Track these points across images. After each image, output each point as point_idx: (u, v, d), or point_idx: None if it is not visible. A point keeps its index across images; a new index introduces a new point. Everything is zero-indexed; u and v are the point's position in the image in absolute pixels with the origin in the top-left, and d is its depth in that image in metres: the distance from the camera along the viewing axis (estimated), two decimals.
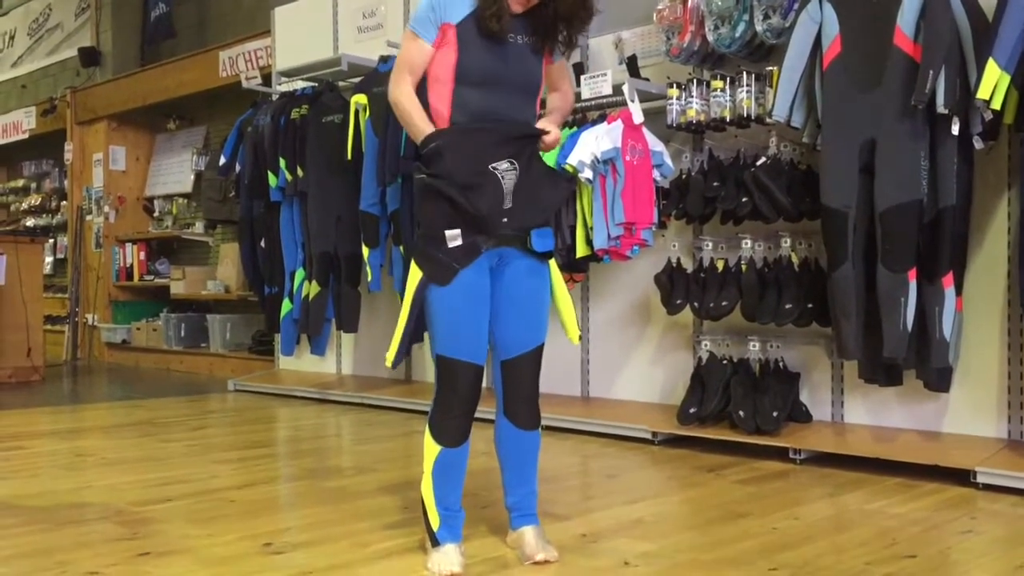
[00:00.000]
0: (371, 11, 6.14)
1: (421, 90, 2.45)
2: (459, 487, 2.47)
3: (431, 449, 2.42)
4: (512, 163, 2.37)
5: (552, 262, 2.54)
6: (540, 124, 2.48)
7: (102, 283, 9.36)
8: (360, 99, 5.27)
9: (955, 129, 3.35)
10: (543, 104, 2.61)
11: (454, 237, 2.36)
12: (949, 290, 3.43)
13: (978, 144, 3.40)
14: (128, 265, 9.30)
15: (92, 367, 8.79)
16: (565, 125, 4.58)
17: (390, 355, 2.48)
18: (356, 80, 5.62)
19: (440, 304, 2.38)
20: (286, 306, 5.93)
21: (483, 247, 2.38)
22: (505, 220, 2.37)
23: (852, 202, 3.54)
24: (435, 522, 2.43)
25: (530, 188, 2.39)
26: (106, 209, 9.39)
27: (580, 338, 2.66)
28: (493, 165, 2.34)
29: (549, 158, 4.30)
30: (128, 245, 9.32)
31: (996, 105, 3.22)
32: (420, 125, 2.39)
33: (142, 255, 9.23)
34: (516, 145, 2.39)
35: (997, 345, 3.64)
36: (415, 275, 2.40)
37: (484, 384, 2.45)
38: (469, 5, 2.39)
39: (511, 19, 2.37)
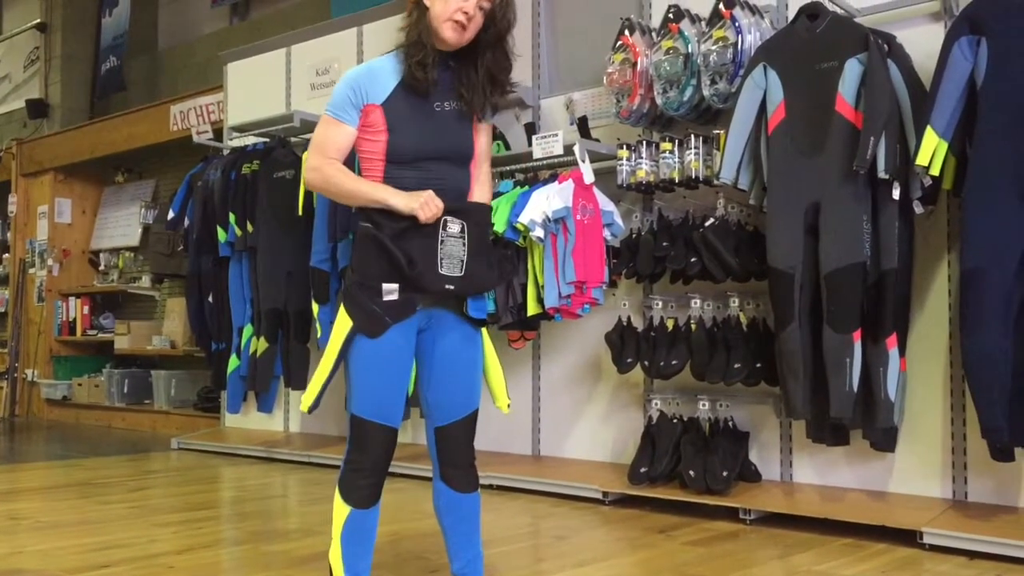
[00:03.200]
0: (324, 68, 6.17)
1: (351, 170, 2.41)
2: (369, 553, 2.38)
3: (340, 511, 2.34)
4: (463, 228, 2.34)
5: (483, 328, 2.49)
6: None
7: (43, 338, 9.14)
8: None
9: (896, 194, 3.44)
10: None
11: (391, 291, 2.29)
12: (893, 351, 3.49)
13: (918, 208, 3.49)
14: (71, 319, 9.10)
15: (31, 424, 8.54)
16: (517, 184, 4.63)
17: (308, 399, 2.36)
18: (308, 136, 5.62)
19: (363, 359, 2.30)
20: (233, 363, 5.84)
21: (418, 305, 2.33)
22: (451, 287, 2.32)
23: (798, 263, 3.60)
24: None
25: (478, 258, 2.35)
26: (49, 262, 9.22)
27: (509, 407, 2.55)
28: (443, 227, 2.31)
29: (500, 216, 4.33)
30: (72, 299, 9.12)
31: (935, 171, 3.31)
32: (364, 188, 2.31)
33: (86, 309, 9.04)
34: (464, 212, 2.35)
35: (940, 405, 3.69)
36: (344, 323, 2.32)
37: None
38: (394, 77, 2.35)
39: (436, 72, 2.33)
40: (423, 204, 2.26)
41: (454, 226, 2.31)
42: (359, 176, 2.38)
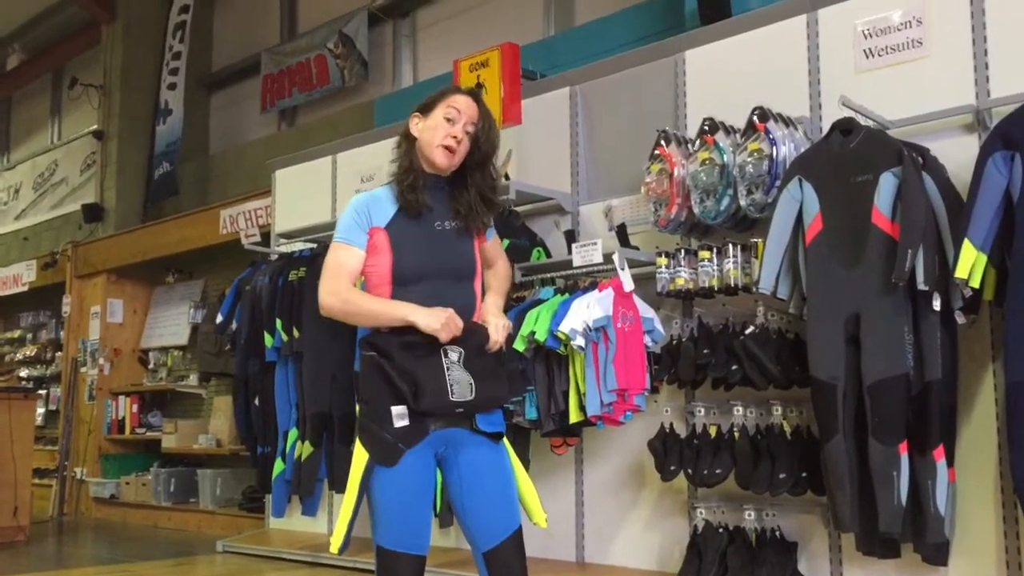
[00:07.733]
0: (369, 175, 6.34)
1: None
2: None
3: None
4: (460, 353, 2.39)
5: (505, 440, 2.51)
6: (483, 313, 2.53)
7: (93, 436, 9.28)
8: None
9: (936, 305, 3.43)
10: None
11: (401, 415, 2.32)
12: (941, 463, 3.44)
13: (960, 319, 3.48)
14: (120, 418, 9.25)
15: (79, 524, 8.62)
16: (558, 291, 4.69)
17: (336, 540, 2.39)
18: None
19: (383, 489, 2.34)
20: (278, 466, 5.88)
21: (431, 427, 2.36)
22: (460, 409, 2.37)
23: (840, 374, 3.59)
24: None
25: (486, 378, 2.41)
26: (101, 361, 9.42)
27: (547, 521, 2.56)
28: (444, 356, 2.37)
29: (542, 325, 4.38)
30: (121, 397, 9.29)
31: (975, 284, 3.31)
32: (385, 307, 2.39)
33: (135, 407, 9.19)
34: (463, 337, 2.42)
35: (992, 518, 3.62)
36: (360, 456, 2.35)
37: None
38: (393, 204, 2.49)
39: (428, 194, 2.47)
40: (444, 325, 2.33)
41: (453, 354, 2.38)
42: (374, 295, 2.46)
